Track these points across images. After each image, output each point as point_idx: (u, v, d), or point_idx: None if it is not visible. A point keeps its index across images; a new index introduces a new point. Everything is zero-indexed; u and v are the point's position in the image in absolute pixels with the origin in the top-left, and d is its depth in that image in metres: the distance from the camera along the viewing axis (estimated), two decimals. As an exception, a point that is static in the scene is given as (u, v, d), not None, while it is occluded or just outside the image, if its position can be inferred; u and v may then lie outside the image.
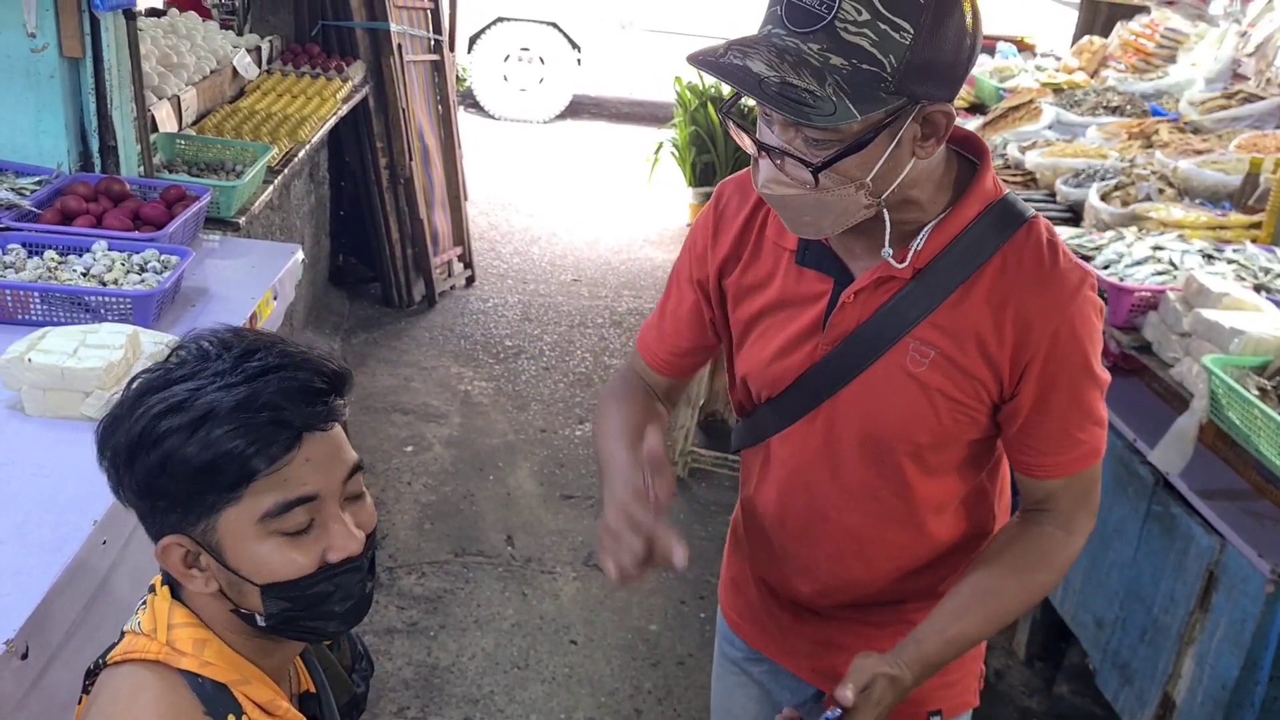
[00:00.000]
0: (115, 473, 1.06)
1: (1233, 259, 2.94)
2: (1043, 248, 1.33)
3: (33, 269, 2.42)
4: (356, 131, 5.36)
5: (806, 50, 1.14)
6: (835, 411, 1.42)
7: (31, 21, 2.81)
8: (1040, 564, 1.42)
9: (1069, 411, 1.35)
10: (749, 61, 1.15)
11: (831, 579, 1.56)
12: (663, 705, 3.04)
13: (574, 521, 3.91)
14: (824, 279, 1.39)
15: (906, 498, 1.46)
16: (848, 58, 1.13)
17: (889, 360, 1.36)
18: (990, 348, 1.32)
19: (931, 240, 1.32)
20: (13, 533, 1.66)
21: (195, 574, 1.07)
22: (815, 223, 1.28)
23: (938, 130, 1.23)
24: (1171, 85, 5.07)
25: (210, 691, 1.06)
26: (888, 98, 1.15)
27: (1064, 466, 1.39)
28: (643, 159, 8.07)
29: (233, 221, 3.26)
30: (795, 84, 1.13)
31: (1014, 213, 1.34)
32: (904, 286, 1.34)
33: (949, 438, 1.40)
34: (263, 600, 1.06)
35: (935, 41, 1.15)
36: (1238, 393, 2.24)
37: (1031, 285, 1.31)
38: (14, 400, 2.01)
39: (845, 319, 1.37)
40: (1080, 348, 1.33)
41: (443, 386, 4.87)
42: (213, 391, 1.01)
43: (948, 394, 1.36)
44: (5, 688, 1.42)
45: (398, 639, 3.16)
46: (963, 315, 1.32)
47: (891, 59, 1.14)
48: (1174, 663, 2.41)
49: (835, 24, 1.13)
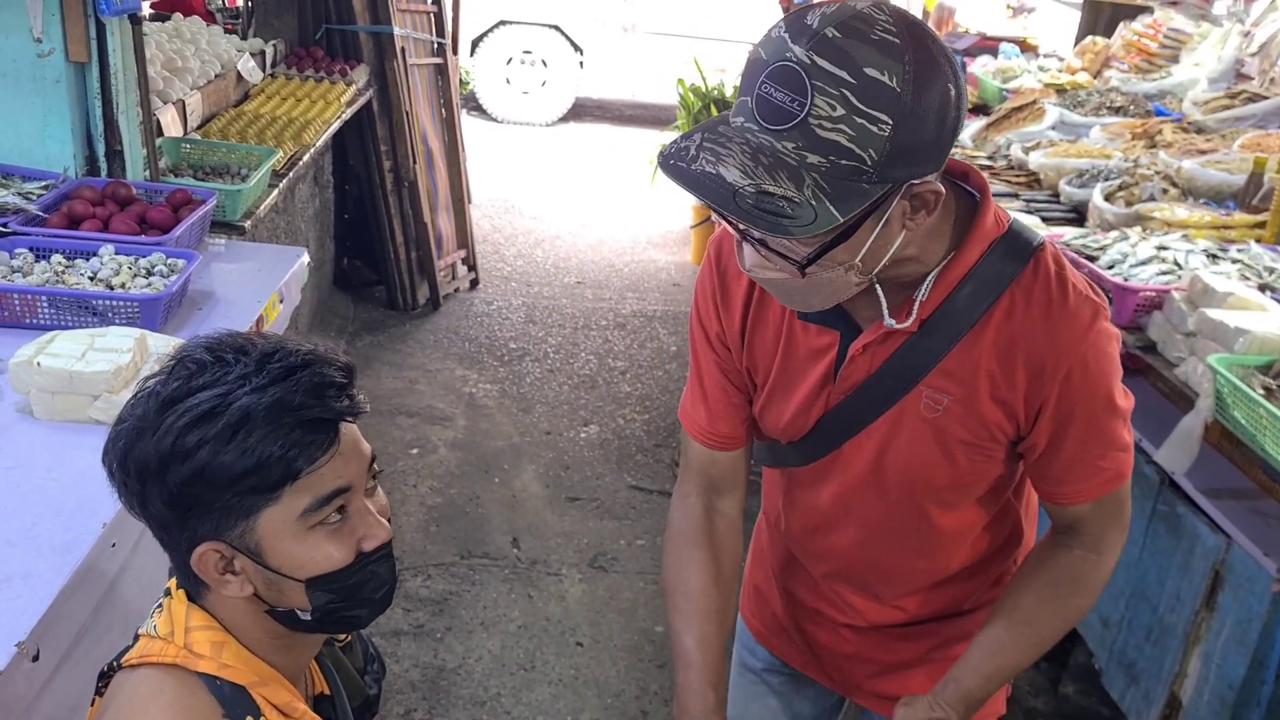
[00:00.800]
0: (139, 486, 1.05)
1: (1237, 258, 2.94)
2: (1051, 284, 1.28)
3: (40, 273, 2.43)
4: (360, 135, 5.37)
5: (781, 149, 1.08)
6: (853, 456, 1.42)
7: (37, 26, 2.82)
8: (1073, 589, 1.41)
9: (1088, 443, 1.33)
10: (721, 168, 1.09)
11: (858, 603, 1.58)
12: (669, 707, 3.04)
13: (579, 523, 3.91)
14: (829, 333, 1.37)
15: (928, 532, 1.46)
16: (825, 155, 1.07)
17: (903, 408, 1.34)
18: (1002, 391, 1.30)
19: (935, 290, 1.28)
20: (22, 535, 1.67)
21: (230, 579, 1.07)
22: (805, 300, 1.26)
23: (926, 205, 1.17)
24: (1175, 85, 5.07)
25: (228, 693, 1.06)
26: (870, 188, 1.09)
27: (1088, 492, 1.37)
28: (645, 161, 8.07)
29: (238, 225, 3.27)
30: (772, 192, 1.07)
31: (1019, 246, 1.29)
32: (910, 338, 1.31)
33: (967, 480, 1.39)
34: (308, 595, 1.08)
35: (916, 125, 1.08)
36: (1243, 392, 2.24)
37: (1041, 327, 1.27)
38: (23, 404, 2.02)
39: (855, 371, 1.36)
40: (1096, 384, 1.29)
41: (447, 389, 4.87)
42: (244, 396, 1.01)
43: (963, 439, 1.34)
44: (17, 690, 1.43)
45: (404, 641, 3.17)
46: (973, 361, 1.29)
47: (871, 152, 1.07)
48: (1180, 662, 2.41)
49: (810, 121, 1.06)
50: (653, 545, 3.81)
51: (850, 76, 1.05)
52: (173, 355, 1.08)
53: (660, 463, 4.38)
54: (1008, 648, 1.39)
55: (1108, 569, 1.43)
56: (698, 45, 9.04)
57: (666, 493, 4.12)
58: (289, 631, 1.12)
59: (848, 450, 1.41)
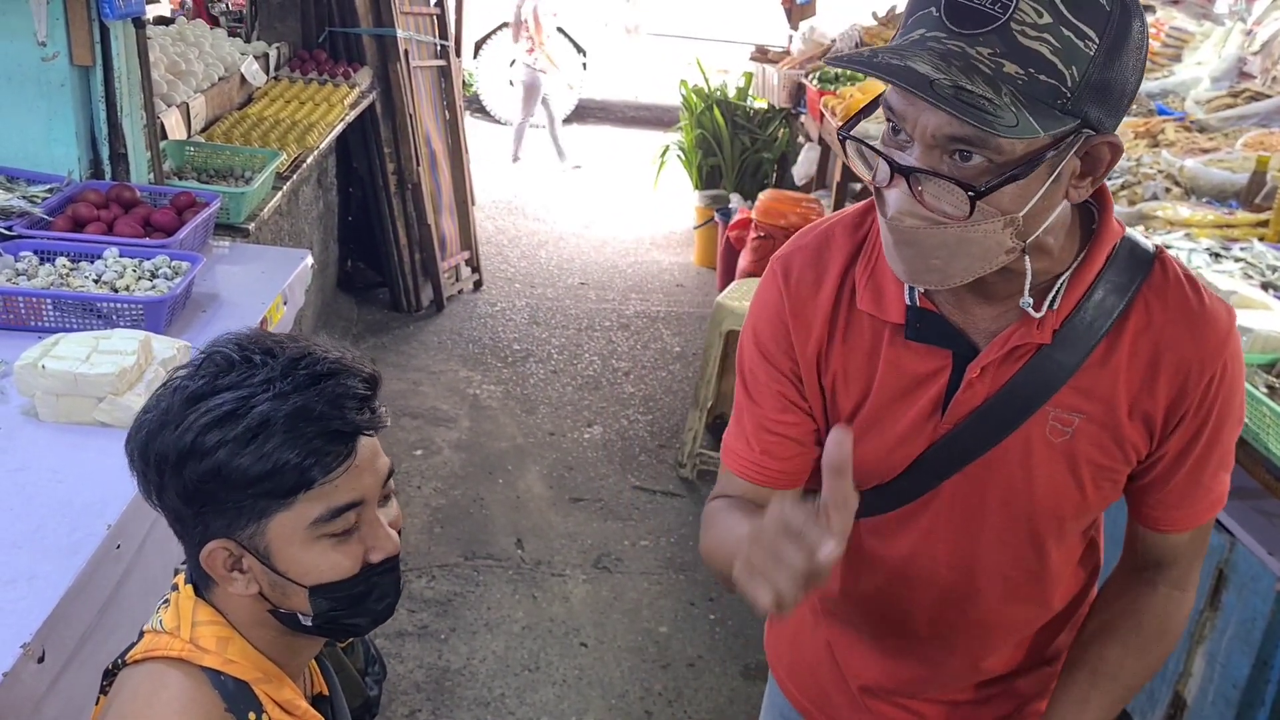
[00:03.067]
0: (157, 477, 1.06)
1: (1240, 257, 2.94)
2: (1184, 285, 1.18)
3: (45, 276, 2.43)
4: (364, 137, 5.39)
5: (975, 55, 0.97)
6: (961, 492, 1.25)
7: (42, 30, 2.83)
8: (1161, 636, 1.32)
9: (1207, 460, 1.23)
10: (910, 62, 0.97)
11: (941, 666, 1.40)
12: (673, 707, 3.04)
13: (583, 524, 3.92)
14: (940, 353, 1.20)
15: (1037, 572, 1.31)
16: (1024, 65, 0.97)
17: (1025, 434, 1.19)
18: (1144, 404, 1.18)
19: (1068, 294, 1.15)
20: (28, 537, 1.67)
21: (237, 577, 1.08)
22: (945, 266, 1.08)
23: (1098, 167, 1.07)
24: (1177, 84, 5.06)
25: (232, 689, 1.07)
26: (1063, 117, 0.99)
27: (1194, 518, 1.26)
28: (649, 162, 8.09)
29: (242, 227, 3.28)
30: (969, 89, 0.95)
31: (1140, 250, 1.19)
32: (1039, 351, 1.16)
33: (1091, 508, 1.27)
34: (310, 601, 1.09)
35: (1117, 56, 0.99)
36: (1246, 391, 2.24)
37: (1185, 331, 1.16)
38: (28, 406, 2.02)
39: (972, 396, 1.19)
40: (1233, 393, 1.20)
41: (451, 390, 4.88)
42: (265, 401, 1.02)
43: (1095, 462, 1.21)
44: (23, 690, 1.43)
45: (408, 642, 3.17)
46: (1111, 373, 1.17)
47: (1074, 70, 0.97)
48: (1184, 661, 2.41)
49: (1011, 25, 0.96)
50: (656, 546, 3.81)
51: None
52: (204, 350, 1.09)
53: (664, 463, 4.39)
54: (1093, 704, 1.28)
55: (1190, 607, 1.33)
56: (700, 46, 9.05)
57: (670, 493, 4.12)
58: (290, 631, 1.13)
59: (950, 488, 1.25)
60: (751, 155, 7.31)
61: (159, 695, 1.05)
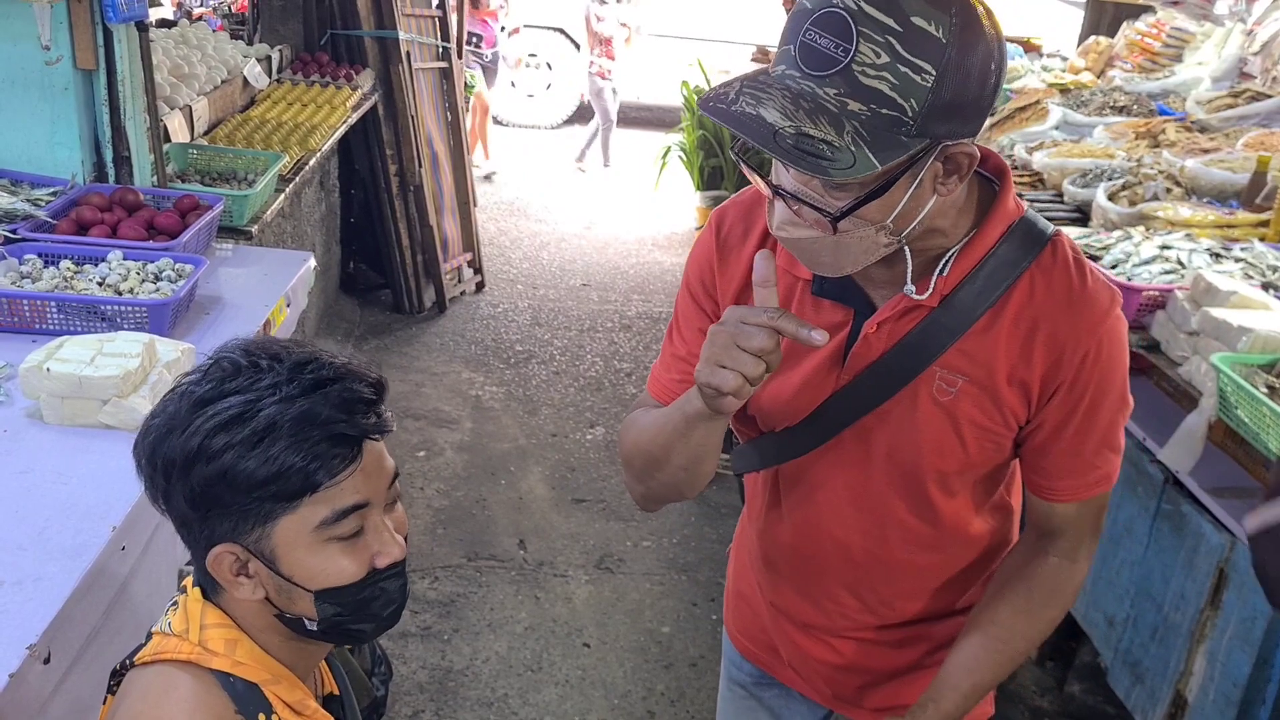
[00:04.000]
0: (164, 481, 1.06)
1: (1240, 257, 2.94)
2: (1070, 267, 1.29)
3: (49, 279, 2.45)
4: (366, 139, 5.40)
5: (823, 95, 1.08)
6: (856, 441, 1.38)
7: (45, 34, 2.84)
8: (1049, 600, 1.41)
9: (1089, 435, 1.32)
10: (762, 109, 1.08)
11: (854, 605, 1.53)
12: (675, 707, 3.05)
13: (586, 525, 3.92)
14: (844, 309, 1.33)
15: (932, 521, 1.42)
16: (866, 103, 1.07)
17: (914, 390, 1.31)
18: (1020, 372, 1.29)
19: (956, 266, 1.27)
20: (33, 539, 1.68)
21: (244, 581, 1.09)
22: (834, 263, 1.22)
23: (960, 169, 1.18)
24: (1178, 84, 5.07)
25: (241, 690, 1.08)
26: (909, 141, 1.09)
27: (1078, 491, 1.37)
28: (650, 163, 8.09)
29: (245, 230, 3.29)
30: (812, 134, 1.06)
31: (1037, 231, 1.30)
32: (930, 314, 1.28)
33: (974, 464, 1.37)
34: (315, 606, 1.09)
35: (959, 80, 1.09)
36: (1246, 390, 2.24)
37: (1063, 307, 1.27)
38: (33, 408, 2.03)
39: (868, 350, 1.32)
40: (1110, 370, 1.30)
41: (454, 392, 4.89)
42: (271, 405, 1.02)
43: (976, 422, 1.32)
44: (29, 692, 1.44)
45: (412, 643, 3.18)
46: (992, 341, 1.28)
47: (913, 103, 1.07)
48: (1185, 661, 2.41)
49: (853, 67, 1.06)
50: (658, 547, 3.82)
51: (897, 24, 1.06)
52: (211, 356, 1.10)
53: (666, 464, 4.39)
54: (984, 664, 1.38)
55: (1080, 578, 1.42)
56: (702, 47, 9.06)
57: (672, 494, 4.13)
58: (297, 636, 1.13)
59: (849, 437, 1.37)
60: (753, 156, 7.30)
61: (169, 696, 1.06)
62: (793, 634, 1.60)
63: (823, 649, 1.58)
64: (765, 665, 1.69)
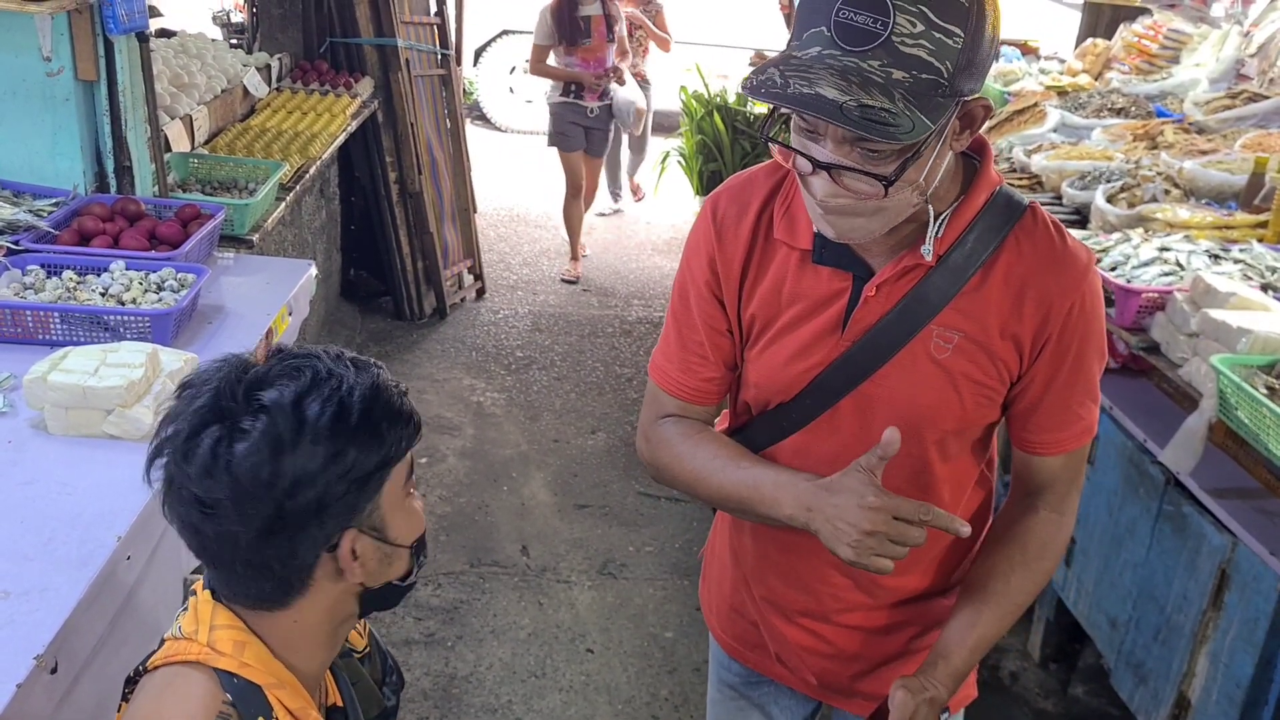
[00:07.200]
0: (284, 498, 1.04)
1: (1239, 258, 2.95)
2: (1050, 228, 1.38)
3: (52, 289, 2.45)
4: (366, 147, 5.41)
5: (867, 68, 1.14)
6: (856, 413, 1.42)
7: (47, 45, 2.85)
8: (1043, 553, 1.47)
9: (1074, 386, 1.41)
10: (819, 89, 1.14)
11: (844, 584, 1.54)
12: (679, 712, 3.06)
13: (588, 530, 3.93)
14: (842, 275, 1.40)
15: (926, 488, 1.46)
16: (908, 70, 1.15)
17: (912, 350, 1.38)
18: (1012, 327, 1.37)
19: (949, 227, 1.35)
20: (39, 549, 1.69)
21: (357, 567, 1.13)
22: (867, 226, 1.29)
23: (975, 121, 1.27)
24: (1176, 86, 5.08)
25: (242, 690, 1.09)
26: (945, 101, 1.18)
27: (1064, 443, 1.44)
28: (650, 168, 8.10)
29: (246, 239, 3.30)
30: (871, 104, 1.13)
31: (1015, 200, 1.39)
32: (927, 274, 1.36)
33: (970, 422, 1.43)
34: (410, 559, 1.18)
35: (979, 38, 1.18)
36: (1246, 392, 2.25)
37: (1048, 265, 1.36)
38: (37, 419, 2.04)
39: (868, 313, 1.38)
40: (1091, 323, 1.39)
41: (455, 398, 4.90)
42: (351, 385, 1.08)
43: (972, 377, 1.38)
44: (36, 702, 1.45)
45: (415, 650, 3.18)
46: (984, 297, 1.36)
47: (947, 64, 1.16)
48: (1188, 662, 2.42)
49: (893, 39, 1.14)
50: (661, 551, 3.82)
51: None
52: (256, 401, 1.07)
53: (668, 469, 4.39)
54: (986, 619, 1.42)
55: (1069, 531, 1.50)
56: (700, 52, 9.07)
57: (675, 499, 4.13)
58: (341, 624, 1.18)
59: (847, 409, 1.42)
60: (752, 160, 7.32)
61: (167, 693, 1.08)
62: (780, 626, 1.63)
63: (810, 639, 1.61)
64: (753, 663, 1.71)
